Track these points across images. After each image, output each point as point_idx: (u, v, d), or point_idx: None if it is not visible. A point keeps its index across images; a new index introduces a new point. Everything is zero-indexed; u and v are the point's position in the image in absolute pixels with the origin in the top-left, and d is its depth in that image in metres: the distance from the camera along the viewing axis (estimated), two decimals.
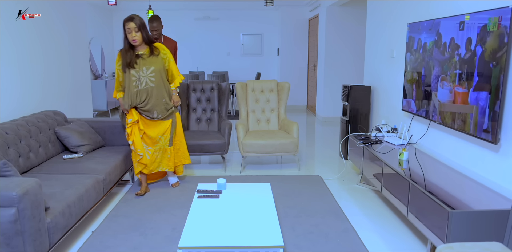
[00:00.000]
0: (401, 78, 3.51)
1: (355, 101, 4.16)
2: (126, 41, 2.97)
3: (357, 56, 6.49)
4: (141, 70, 2.98)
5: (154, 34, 3.77)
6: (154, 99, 3.03)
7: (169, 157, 3.22)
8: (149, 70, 2.99)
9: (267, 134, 4.00)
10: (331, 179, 3.69)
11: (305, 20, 8.05)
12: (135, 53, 3.00)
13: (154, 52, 3.02)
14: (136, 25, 2.89)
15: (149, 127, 3.11)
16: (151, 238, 2.47)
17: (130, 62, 2.96)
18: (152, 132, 3.10)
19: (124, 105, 3.05)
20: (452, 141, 2.73)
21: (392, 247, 2.39)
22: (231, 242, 1.91)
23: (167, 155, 3.21)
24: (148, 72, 2.99)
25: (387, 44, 3.88)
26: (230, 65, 8.73)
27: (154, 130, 3.11)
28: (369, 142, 3.35)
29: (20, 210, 1.77)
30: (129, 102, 3.00)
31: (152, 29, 3.76)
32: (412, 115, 3.29)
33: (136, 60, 2.97)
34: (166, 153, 3.20)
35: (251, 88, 4.33)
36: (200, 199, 2.44)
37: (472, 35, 2.32)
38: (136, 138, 3.07)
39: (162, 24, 3.82)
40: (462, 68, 2.44)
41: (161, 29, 3.79)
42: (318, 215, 2.83)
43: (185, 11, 8.54)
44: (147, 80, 3.00)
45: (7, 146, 2.54)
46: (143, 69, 2.98)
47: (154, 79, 3.01)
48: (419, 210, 2.23)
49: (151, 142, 3.13)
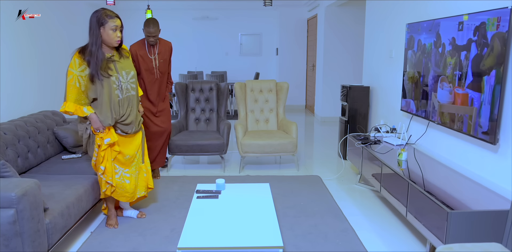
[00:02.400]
0: (399, 79, 3.51)
1: (354, 101, 4.16)
2: (99, 40, 2.30)
3: (355, 56, 6.49)
4: (121, 76, 2.41)
5: (151, 40, 3.31)
6: (134, 109, 2.51)
7: (145, 175, 2.70)
8: (129, 75, 2.46)
9: (266, 134, 4.00)
10: (330, 179, 3.70)
11: (303, 20, 8.05)
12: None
13: (125, 54, 2.49)
14: (121, 23, 2.37)
15: (125, 145, 2.53)
16: (150, 239, 2.47)
17: (104, 67, 2.34)
18: (129, 149, 2.54)
19: (103, 122, 2.37)
20: (451, 141, 2.73)
21: (391, 247, 2.39)
22: (230, 243, 1.91)
23: (143, 173, 2.68)
24: (129, 78, 2.46)
25: (386, 44, 3.88)
26: (229, 65, 8.73)
27: (131, 146, 2.56)
28: (368, 142, 3.35)
29: (19, 211, 1.77)
30: (112, 116, 2.38)
31: (148, 35, 3.28)
32: (411, 115, 3.29)
33: (109, 65, 2.37)
34: (141, 172, 2.68)
35: (250, 88, 4.33)
36: (199, 200, 2.44)
37: (471, 35, 2.32)
38: (109, 163, 2.45)
39: (160, 29, 3.37)
40: (461, 69, 2.44)
41: (158, 34, 3.34)
42: (317, 215, 2.83)
43: (183, 11, 8.53)
44: (128, 87, 2.46)
45: (5, 146, 2.54)
46: (122, 74, 2.41)
47: (134, 85, 2.50)
48: (418, 210, 2.24)
49: (128, 161, 2.55)
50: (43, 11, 3.64)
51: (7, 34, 3.08)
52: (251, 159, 4.41)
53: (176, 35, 8.67)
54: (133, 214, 2.78)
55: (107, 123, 2.38)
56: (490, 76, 2.16)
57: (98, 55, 2.30)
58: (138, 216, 2.78)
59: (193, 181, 3.54)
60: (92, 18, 2.33)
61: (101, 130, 2.39)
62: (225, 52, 8.73)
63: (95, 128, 2.40)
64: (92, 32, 2.31)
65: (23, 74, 3.30)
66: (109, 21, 2.31)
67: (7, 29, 3.08)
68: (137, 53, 3.35)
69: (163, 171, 3.94)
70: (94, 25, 2.31)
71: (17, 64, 3.23)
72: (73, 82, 2.30)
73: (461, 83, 2.44)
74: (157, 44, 3.43)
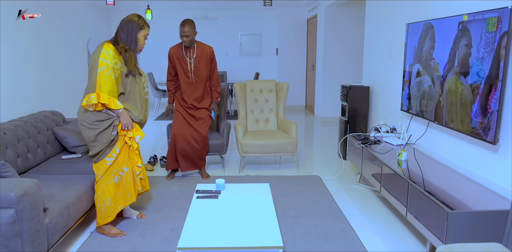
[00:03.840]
0: (399, 79, 3.51)
1: (354, 101, 4.16)
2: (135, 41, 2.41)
3: (355, 56, 6.49)
4: (144, 77, 2.53)
5: (184, 40, 3.32)
6: (147, 112, 2.59)
7: (137, 182, 2.60)
8: (144, 78, 2.55)
9: (266, 134, 4.00)
10: (330, 179, 3.69)
11: (303, 20, 8.05)
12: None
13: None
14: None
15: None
16: (150, 239, 2.46)
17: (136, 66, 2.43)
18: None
19: (136, 117, 2.43)
20: (451, 141, 2.73)
21: (391, 248, 2.39)
22: (230, 243, 1.91)
23: (132, 180, 2.56)
24: (144, 80, 2.55)
25: (386, 44, 3.88)
26: (229, 65, 8.72)
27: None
28: (368, 142, 3.35)
29: (18, 211, 1.76)
30: (142, 112, 2.46)
31: (182, 34, 3.30)
32: (411, 115, 3.29)
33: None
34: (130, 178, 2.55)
35: (250, 88, 4.32)
36: (199, 200, 2.44)
37: (471, 35, 2.32)
38: (129, 163, 2.49)
39: (196, 31, 3.38)
40: (462, 68, 2.44)
41: (193, 36, 3.33)
42: (317, 215, 2.83)
43: (183, 11, 8.53)
44: (147, 90, 2.57)
45: (5, 147, 2.53)
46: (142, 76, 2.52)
47: (148, 90, 2.60)
48: (418, 211, 2.24)
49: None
50: (43, 11, 3.64)
51: (6, 34, 3.08)
52: (250, 159, 4.41)
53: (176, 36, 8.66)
54: (133, 215, 2.77)
55: (138, 119, 2.43)
56: (490, 75, 2.15)
57: (135, 53, 2.43)
58: (138, 217, 2.77)
59: (193, 181, 3.54)
60: (132, 21, 2.42)
61: (129, 127, 2.39)
62: (225, 52, 8.73)
63: (125, 124, 2.37)
64: (131, 33, 2.40)
65: (22, 74, 3.30)
66: (146, 28, 2.46)
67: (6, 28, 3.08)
68: (174, 55, 3.44)
69: (162, 171, 3.94)
70: (134, 27, 2.40)
71: (16, 64, 3.23)
72: (107, 73, 2.25)
73: (461, 82, 2.43)
74: (195, 48, 3.43)
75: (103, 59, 2.26)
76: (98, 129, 2.34)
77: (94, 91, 2.25)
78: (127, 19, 2.43)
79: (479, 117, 2.26)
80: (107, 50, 2.28)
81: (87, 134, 2.36)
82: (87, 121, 2.34)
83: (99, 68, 2.25)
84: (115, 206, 2.47)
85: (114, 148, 2.39)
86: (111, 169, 2.43)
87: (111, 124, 2.35)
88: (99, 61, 2.25)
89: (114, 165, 2.43)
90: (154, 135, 5.70)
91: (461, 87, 2.44)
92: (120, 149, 2.41)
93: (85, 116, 2.34)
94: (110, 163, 2.40)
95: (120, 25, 2.43)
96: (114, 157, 2.40)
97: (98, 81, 2.25)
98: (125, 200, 2.52)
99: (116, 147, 2.40)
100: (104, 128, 2.34)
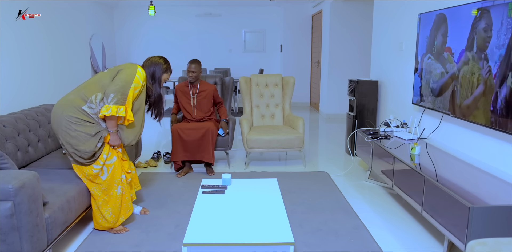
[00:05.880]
0: (410, 71, 3.41)
1: (362, 96, 4.06)
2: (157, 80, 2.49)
3: (362, 51, 6.38)
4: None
5: (190, 75, 3.56)
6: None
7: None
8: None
9: (272, 129, 3.90)
10: (338, 175, 3.59)
11: (308, 16, 7.94)
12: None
13: None
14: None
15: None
16: (154, 235, 2.37)
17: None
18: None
19: (124, 142, 2.39)
20: (467, 134, 2.62)
21: (405, 245, 2.28)
22: (238, 239, 1.81)
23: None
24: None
25: (396, 37, 3.77)
26: (232, 62, 8.64)
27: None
28: (377, 136, 3.24)
29: (16, 204, 1.67)
30: (135, 140, 2.44)
31: (189, 70, 3.55)
32: (423, 108, 3.19)
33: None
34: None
35: (255, 82, 4.23)
36: (205, 195, 2.35)
37: (490, 22, 2.22)
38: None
39: (201, 70, 3.66)
40: (480, 57, 2.33)
41: (199, 73, 3.58)
42: (326, 211, 2.73)
43: (186, 8, 8.45)
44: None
45: (5, 139, 2.45)
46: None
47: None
48: (434, 206, 2.13)
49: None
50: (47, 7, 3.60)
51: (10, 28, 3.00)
52: (255, 155, 4.32)
53: (179, 32, 8.59)
54: (136, 210, 2.68)
55: (126, 143, 2.40)
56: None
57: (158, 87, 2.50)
58: (141, 212, 2.68)
59: (198, 177, 3.45)
60: (160, 63, 2.48)
61: (115, 147, 2.38)
62: (229, 49, 8.64)
63: (114, 145, 2.33)
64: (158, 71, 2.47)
65: (25, 68, 3.23)
66: (169, 73, 2.55)
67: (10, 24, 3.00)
68: (179, 90, 3.71)
69: (166, 167, 3.85)
70: (160, 68, 2.48)
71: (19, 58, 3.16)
72: (136, 91, 2.30)
73: (480, 72, 2.33)
74: (198, 85, 3.66)
75: (138, 76, 2.29)
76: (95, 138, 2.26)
77: (123, 104, 2.22)
78: (154, 61, 2.48)
79: (498, 107, 2.15)
80: (142, 71, 2.34)
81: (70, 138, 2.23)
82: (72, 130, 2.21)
83: (133, 83, 2.26)
84: (116, 218, 2.38)
85: (101, 155, 2.28)
86: (113, 179, 2.33)
87: (97, 133, 2.25)
88: (135, 77, 2.27)
89: (116, 172, 2.34)
90: (157, 132, 5.61)
91: (479, 75, 2.33)
92: (107, 156, 2.31)
93: (72, 126, 2.21)
94: (97, 171, 2.29)
95: (144, 65, 2.47)
96: (101, 165, 2.29)
97: (129, 95, 2.25)
98: (127, 211, 2.43)
99: (104, 154, 2.29)
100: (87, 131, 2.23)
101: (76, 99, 2.24)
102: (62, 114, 2.21)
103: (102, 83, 2.30)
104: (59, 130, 2.23)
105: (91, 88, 2.28)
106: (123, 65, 2.37)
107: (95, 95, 2.24)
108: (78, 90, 2.30)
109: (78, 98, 2.24)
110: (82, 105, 2.23)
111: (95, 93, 2.25)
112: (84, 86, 2.31)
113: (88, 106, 2.23)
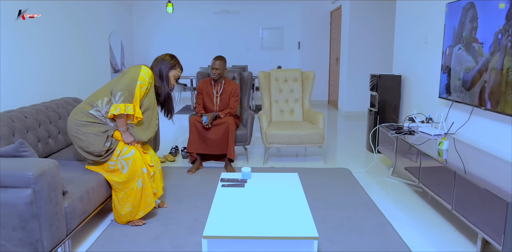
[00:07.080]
0: (437, 64, 3.27)
1: (384, 91, 3.93)
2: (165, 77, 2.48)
3: (382, 47, 6.23)
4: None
5: (214, 73, 3.48)
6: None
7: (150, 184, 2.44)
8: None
9: (292, 124, 3.82)
10: (359, 172, 3.48)
11: (327, 12, 7.82)
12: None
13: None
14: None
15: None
16: (172, 228, 2.33)
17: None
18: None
19: (143, 138, 2.39)
20: (501, 128, 2.49)
21: (434, 244, 2.17)
22: (260, 232, 1.74)
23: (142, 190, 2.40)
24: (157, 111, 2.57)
25: (420, 29, 3.64)
26: (250, 60, 8.58)
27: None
28: (401, 132, 3.13)
29: (36, 191, 1.65)
30: (150, 137, 2.44)
31: (213, 67, 3.46)
32: (450, 103, 3.05)
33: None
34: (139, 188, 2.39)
35: (274, 77, 4.16)
36: (224, 188, 2.29)
37: None
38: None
39: (226, 68, 3.55)
40: None
41: (223, 71, 3.49)
42: (349, 208, 2.64)
43: (204, 5, 8.44)
44: (157, 116, 2.54)
45: (26, 130, 2.45)
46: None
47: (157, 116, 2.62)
48: (466, 203, 2.02)
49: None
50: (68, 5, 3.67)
51: (43, 25, 3.03)
52: (273, 151, 4.24)
53: (196, 30, 8.60)
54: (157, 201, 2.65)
55: (140, 139, 2.38)
56: None
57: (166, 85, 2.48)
58: (160, 205, 2.65)
59: (216, 172, 3.40)
60: (165, 60, 2.46)
61: (132, 143, 2.37)
62: (246, 47, 8.59)
63: (127, 142, 2.32)
64: (164, 68, 2.44)
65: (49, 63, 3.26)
66: (178, 69, 2.50)
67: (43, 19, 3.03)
68: (202, 88, 3.61)
69: (184, 162, 3.82)
70: (166, 65, 2.45)
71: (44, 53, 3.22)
72: (143, 89, 2.30)
73: None
74: (222, 84, 3.59)
75: (143, 73, 2.29)
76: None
77: (131, 102, 2.22)
78: (160, 58, 2.46)
79: None
80: (147, 69, 2.34)
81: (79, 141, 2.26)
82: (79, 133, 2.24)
83: (139, 80, 2.26)
84: (135, 211, 2.35)
85: (115, 152, 2.27)
86: (134, 172, 2.30)
87: (105, 132, 2.26)
88: (139, 74, 2.27)
89: (137, 165, 2.30)
90: (175, 128, 5.60)
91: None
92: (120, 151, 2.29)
93: (80, 129, 2.24)
94: (113, 166, 2.28)
95: (152, 65, 2.46)
96: (115, 161, 2.28)
97: (136, 93, 2.26)
98: (146, 206, 2.38)
99: (118, 150, 2.28)
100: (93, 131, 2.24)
101: (84, 106, 2.31)
102: (71, 120, 2.28)
103: (109, 88, 2.33)
104: (71, 136, 2.29)
105: (99, 94, 2.34)
106: (128, 68, 2.39)
107: (102, 99, 2.28)
108: (87, 98, 2.37)
109: (86, 104, 2.31)
110: (89, 110, 2.28)
111: (102, 98, 2.29)
112: (93, 94, 2.38)
113: (95, 110, 2.28)
